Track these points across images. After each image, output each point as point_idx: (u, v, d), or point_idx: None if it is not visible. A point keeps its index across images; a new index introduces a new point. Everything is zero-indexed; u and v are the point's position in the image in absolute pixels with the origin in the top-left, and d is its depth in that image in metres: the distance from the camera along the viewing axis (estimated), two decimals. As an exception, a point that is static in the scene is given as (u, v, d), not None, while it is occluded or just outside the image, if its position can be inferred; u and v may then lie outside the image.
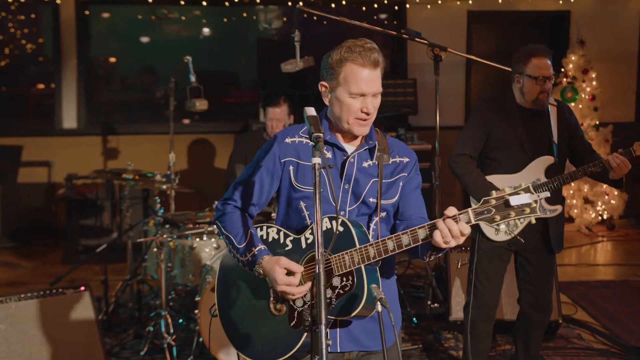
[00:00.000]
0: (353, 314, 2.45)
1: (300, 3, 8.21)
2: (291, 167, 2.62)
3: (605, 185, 8.31)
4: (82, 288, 4.52)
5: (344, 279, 2.48)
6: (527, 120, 4.05)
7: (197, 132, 8.28)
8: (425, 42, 4.95)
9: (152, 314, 5.08)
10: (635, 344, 5.06)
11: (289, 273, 2.48)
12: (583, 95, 8.27)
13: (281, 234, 2.65)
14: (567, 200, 8.37)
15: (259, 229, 2.67)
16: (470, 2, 8.46)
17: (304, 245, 2.59)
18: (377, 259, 2.46)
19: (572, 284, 6.38)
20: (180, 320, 5.05)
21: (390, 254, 2.47)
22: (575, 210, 8.44)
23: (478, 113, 4.17)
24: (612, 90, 8.58)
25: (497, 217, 2.36)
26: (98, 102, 8.58)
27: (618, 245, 8.05)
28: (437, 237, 2.37)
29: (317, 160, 2.24)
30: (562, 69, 8.27)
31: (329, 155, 2.60)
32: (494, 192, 2.39)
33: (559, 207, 4.01)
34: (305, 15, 5.77)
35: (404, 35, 5.07)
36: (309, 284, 2.51)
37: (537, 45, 4.04)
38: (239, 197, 2.69)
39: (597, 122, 8.31)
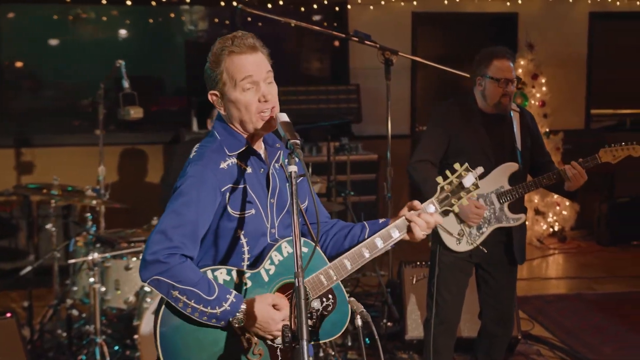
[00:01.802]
0: (341, 332, 2.57)
1: (234, 3, 8.31)
2: (227, 195, 2.52)
3: (556, 196, 8.68)
4: (9, 315, 4.49)
5: (324, 299, 2.56)
6: (489, 126, 4.22)
7: (122, 144, 8.23)
8: (376, 45, 5.10)
9: (85, 341, 5.07)
10: (594, 358, 5.34)
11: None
12: (533, 102, 8.60)
13: (233, 273, 2.53)
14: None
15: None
16: (414, 3, 8.73)
17: (266, 278, 2.55)
18: (355, 269, 2.59)
19: (526, 298, 6.64)
20: (116, 348, 5.05)
21: (368, 260, 2.60)
22: (527, 222, 8.73)
23: (438, 118, 4.32)
24: (561, 96, 8.96)
25: (454, 200, 2.71)
26: (9, 111, 8.45)
27: (570, 257, 8.39)
28: (417, 231, 2.60)
29: (293, 168, 2.29)
30: (511, 74, 8.59)
31: (249, 170, 2.58)
32: (440, 178, 2.73)
33: (522, 216, 4.22)
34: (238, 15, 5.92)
35: (354, 38, 5.21)
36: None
37: (499, 47, 4.24)
38: (184, 242, 2.45)
39: (548, 130, 8.65)
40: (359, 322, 2.43)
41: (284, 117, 2.48)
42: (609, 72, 9.62)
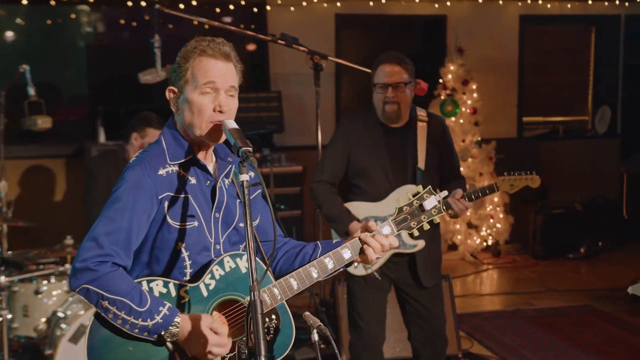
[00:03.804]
0: (284, 355, 2.67)
1: (143, 3, 8.33)
2: (166, 203, 2.60)
3: (490, 207, 9.00)
4: None
5: (267, 319, 2.65)
6: (392, 143, 4.31)
7: (18, 157, 8.08)
8: (304, 49, 5.24)
9: (-10, 375, 5.01)
10: (536, 375, 5.60)
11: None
12: (464, 109, 8.88)
13: (170, 286, 2.61)
14: (449, 226, 8.96)
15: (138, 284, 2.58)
16: (338, 4, 8.93)
17: (205, 293, 2.62)
18: (302, 289, 2.69)
19: (463, 316, 6.84)
20: (26, 381, 5.03)
21: (315, 281, 2.72)
22: (459, 237, 9.03)
23: (339, 135, 4.42)
24: (493, 103, 9.32)
25: (413, 223, 2.83)
26: None
27: (505, 272, 8.69)
28: (371, 254, 2.71)
29: (245, 177, 2.37)
30: (441, 80, 8.87)
31: (193, 181, 2.67)
32: (400, 199, 2.84)
33: (420, 242, 4.28)
34: (146, 17, 5.98)
35: (280, 42, 5.33)
36: (230, 340, 2.57)
37: (391, 52, 4.32)
38: (116, 250, 2.53)
39: (480, 138, 8.93)
40: (315, 337, 2.52)
41: (233, 123, 2.57)
42: (540, 78, 10.09)
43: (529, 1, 9.62)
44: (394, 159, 4.30)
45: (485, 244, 9.22)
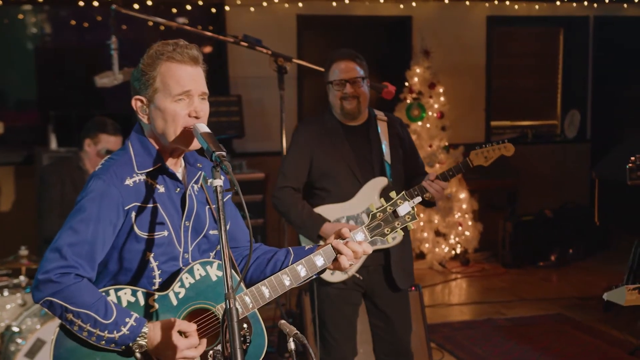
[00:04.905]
0: None
1: (95, 3, 8.30)
2: (133, 214, 2.63)
3: (457, 215, 9.10)
4: None
5: None
6: (353, 140, 4.39)
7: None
8: (268, 51, 5.27)
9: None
10: (510, 386, 5.68)
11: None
12: (430, 113, 8.96)
13: (139, 294, 2.64)
14: (417, 234, 9.04)
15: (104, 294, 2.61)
16: (300, 4, 8.97)
17: (175, 302, 2.66)
18: (273, 298, 2.72)
19: (433, 326, 6.91)
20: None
21: (287, 289, 2.75)
22: (427, 245, 9.11)
23: (298, 139, 4.46)
24: (460, 107, 9.43)
25: (387, 230, 2.88)
26: None
27: (474, 282, 8.80)
28: (344, 262, 2.76)
29: (218, 182, 2.39)
30: (407, 83, 8.95)
31: (161, 189, 2.70)
32: (373, 205, 2.90)
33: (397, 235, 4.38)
34: (98, 18, 5.96)
35: (243, 43, 5.35)
36: (204, 341, 2.61)
37: (343, 49, 4.41)
38: (80, 262, 2.55)
39: (447, 143, 9.01)
40: (292, 345, 2.54)
41: (204, 127, 2.58)
42: (508, 81, 10.22)
43: (496, 2, 9.75)
44: (358, 155, 4.36)
45: (453, 252, 9.31)
